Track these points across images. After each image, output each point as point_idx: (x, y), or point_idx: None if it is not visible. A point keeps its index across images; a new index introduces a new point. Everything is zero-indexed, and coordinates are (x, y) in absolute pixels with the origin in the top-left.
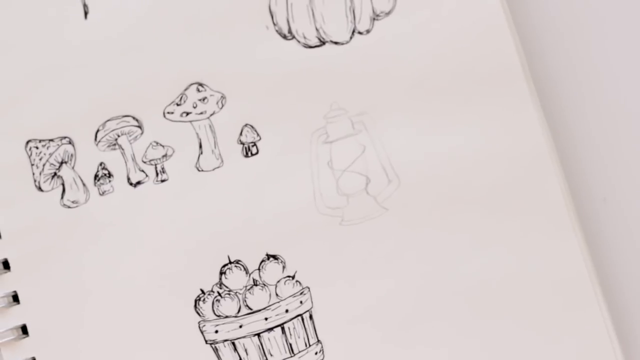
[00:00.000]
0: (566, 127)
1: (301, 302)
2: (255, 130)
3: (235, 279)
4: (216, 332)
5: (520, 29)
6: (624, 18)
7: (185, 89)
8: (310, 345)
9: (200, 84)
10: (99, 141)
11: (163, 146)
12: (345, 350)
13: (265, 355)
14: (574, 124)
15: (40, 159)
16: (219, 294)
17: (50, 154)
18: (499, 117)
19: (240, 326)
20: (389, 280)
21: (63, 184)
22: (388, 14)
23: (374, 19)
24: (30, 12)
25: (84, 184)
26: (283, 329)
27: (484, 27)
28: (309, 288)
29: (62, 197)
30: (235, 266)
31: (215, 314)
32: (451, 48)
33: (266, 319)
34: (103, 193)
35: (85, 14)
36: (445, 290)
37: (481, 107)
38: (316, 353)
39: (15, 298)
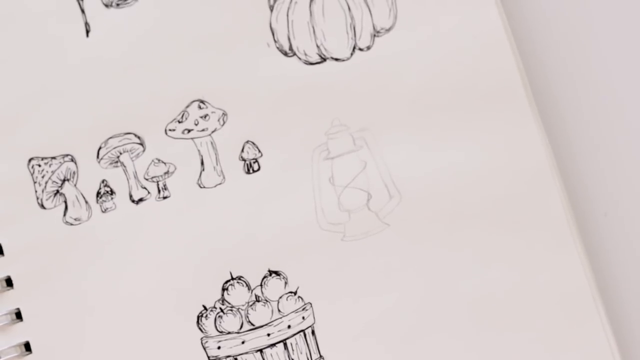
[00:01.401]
0: (567, 142)
1: (303, 317)
2: (257, 147)
3: (238, 295)
4: (219, 348)
5: (521, 44)
6: (624, 34)
7: (187, 106)
8: None
9: (202, 101)
10: (101, 158)
11: (165, 163)
12: None
13: None
14: (574, 138)
15: (43, 177)
16: (222, 310)
17: (53, 172)
18: (499, 132)
19: (243, 342)
20: (391, 296)
21: (65, 202)
22: (388, 30)
23: (374, 35)
24: (32, 30)
25: (86, 202)
26: (285, 344)
27: (485, 43)
28: (311, 304)
29: (64, 215)
30: (238, 282)
31: (217, 330)
32: (452, 64)
33: (268, 334)
34: (105, 210)
35: (87, 32)
36: (447, 304)
37: (482, 122)
38: None
39: (18, 315)
